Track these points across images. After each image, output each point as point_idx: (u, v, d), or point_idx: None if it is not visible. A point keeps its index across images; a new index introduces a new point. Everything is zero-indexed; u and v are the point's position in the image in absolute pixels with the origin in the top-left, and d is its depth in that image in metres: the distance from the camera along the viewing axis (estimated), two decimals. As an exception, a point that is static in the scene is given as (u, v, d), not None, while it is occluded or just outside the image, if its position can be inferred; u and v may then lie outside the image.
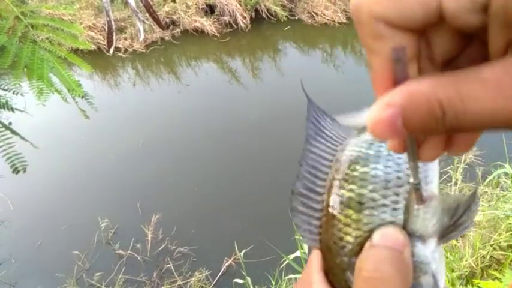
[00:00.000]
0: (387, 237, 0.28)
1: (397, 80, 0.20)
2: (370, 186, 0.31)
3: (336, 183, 0.32)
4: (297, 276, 2.28)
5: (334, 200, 0.32)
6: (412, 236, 0.29)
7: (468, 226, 0.29)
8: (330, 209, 0.32)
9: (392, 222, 0.29)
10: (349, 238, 0.30)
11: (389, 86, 0.20)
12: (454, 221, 0.29)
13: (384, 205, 0.30)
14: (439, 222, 0.29)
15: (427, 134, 0.21)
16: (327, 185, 0.33)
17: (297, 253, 2.13)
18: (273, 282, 2.65)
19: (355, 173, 0.32)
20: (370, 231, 0.30)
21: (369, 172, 0.32)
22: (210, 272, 3.02)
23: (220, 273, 3.01)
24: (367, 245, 0.29)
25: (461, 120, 0.18)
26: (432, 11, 0.18)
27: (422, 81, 0.19)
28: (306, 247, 2.14)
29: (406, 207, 0.30)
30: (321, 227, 0.32)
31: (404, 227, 0.29)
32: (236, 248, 2.81)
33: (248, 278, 2.46)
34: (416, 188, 0.29)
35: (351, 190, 0.31)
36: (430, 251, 0.29)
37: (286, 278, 2.56)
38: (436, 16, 0.18)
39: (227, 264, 3.03)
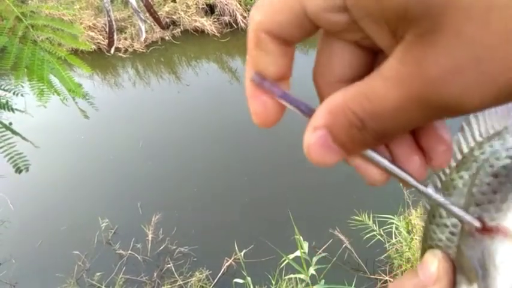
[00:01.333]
0: (423, 263, 0.25)
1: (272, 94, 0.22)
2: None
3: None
4: (297, 276, 2.28)
5: (424, 206, 0.31)
6: (459, 271, 0.25)
7: None
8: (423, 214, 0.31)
9: (447, 247, 0.26)
10: (423, 244, 0.29)
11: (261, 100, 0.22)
12: None
13: (445, 225, 0.27)
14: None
15: (362, 147, 0.20)
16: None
17: (297, 253, 2.13)
18: (273, 282, 2.66)
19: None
20: (431, 247, 0.28)
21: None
22: (210, 272, 3.03)
23: (220, 273, 3.01)
24: (416, 266, 0.27)
25: (381, 123, 0.18)
26: (299, 14, 0.18)
27: (336, 95, 0.19)
28: (305, 247, 2.14)
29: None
30: None
31: (456, 257, 0.25)
32: (236, 248, 2.82)
33: (248, 278, 2.46)
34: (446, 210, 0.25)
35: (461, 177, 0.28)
36: None
37: (286, 277, 2.56)
38: (306, 21, 0.19)
39: (227, 264, 3.03)
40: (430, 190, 0.23)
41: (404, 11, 0.15)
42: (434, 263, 0.25)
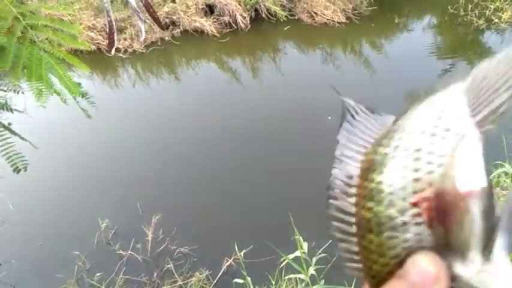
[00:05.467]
0: (414, 268, 0.24)
1: None
2: (386, 199, 0.25)
3: (357, 201, 0.27)
4: (297, 276, 2.27)
5: (357, 223, 0.27)
6: (448, 254, 0.24)
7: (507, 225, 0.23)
8: (356, 235, 0.27)
9: (419, 242, 0.24)
10: (376, 267, 0.26)
11: None
12: (491, 225, 0.23)
13: (404, 223, 0.24)
14: (474, 231, 0.23)
15: None
16: (355, 203, 0.28)
17: (297, 253, 2.13)
18: (273, 282, 2.65)
19: (372, 185, 0.26)
20: (398, 256, 0.25)
21: (383, 181, 0.26)
22: (210, 272, 3.02)
23: (220, 273, 3.01)
24: (397, 273, 0.25)
25: None
26: None
27: None
28: (305, 247, 2.14)
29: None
30: (358, 255, 0.28)
31: (435, 246, 0.24)
32: (236, 248, 2.81)
33: (248, 278, 2.46)
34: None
35: (369, 209, 0.26)
36: (474, 271, 0.23)
37: (286, 277, 2.56)
38: None
39: (227, 264, 3.03)
40: None
41: None
42: (429, 263, 0.24)
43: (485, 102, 0.25)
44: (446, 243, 0.23)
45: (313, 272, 2.19)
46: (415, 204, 0.24)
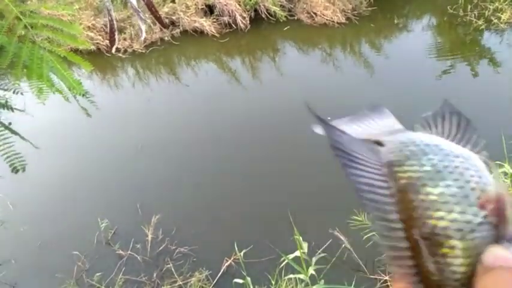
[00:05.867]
0: (501, 258, 0.27)
1: None
2: (457, 207, 0.28)
3: (418, 214, 0.29)
4: (297, 276, 2.28)
5: (424, 236, 0.28)
6: (501, 241, 0.28)
7: None
8: (425, 246, 0.28)
9: (490, 237, 0.28)
10: (462, 269, 0.28)
11: None
12: None
13: (480, 224, 0.28)
14: None
15: None
16: (402, 218, 0.29)
17: (297, 253, 2.13)
18: (273, 282, 2.66)
19: (433, 197, 0.29)
20: (480, 254, 0.27)
21: (445, 192, 0.29)
22: (210, 272, 3.02)
23: (220, 273, 3.01)
24: (480, 269, 0.27)
25: None
26: None
27: None
28: (305, 247, 2.14)
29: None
30: (418, 266, 0.28)
31: (495, 238, 0.28)
32: (236, 248, 2.81)
33: (248, 278, 2.46)
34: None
35: (441, 218, 0.28)
36: None
37: (286, 277, 2.56)
38: None
39: (227, 264, 3.03)
40: None
41: None
42: (506, 252, 0.27)
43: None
44: (503, 233, 0.28)
45: (313, 272, 2.20)
46: (481, 207, 0.29)
